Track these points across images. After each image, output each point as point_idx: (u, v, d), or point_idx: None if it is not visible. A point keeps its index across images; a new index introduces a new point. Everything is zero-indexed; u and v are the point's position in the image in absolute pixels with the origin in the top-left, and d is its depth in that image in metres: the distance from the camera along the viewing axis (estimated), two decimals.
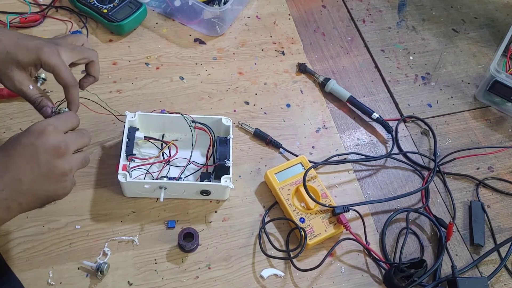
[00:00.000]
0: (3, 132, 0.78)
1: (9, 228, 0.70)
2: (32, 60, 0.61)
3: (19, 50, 0.60)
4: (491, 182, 0.87)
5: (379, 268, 0.75)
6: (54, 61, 0.61)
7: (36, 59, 0.61)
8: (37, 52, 0.60)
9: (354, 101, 0.91)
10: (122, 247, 0.71)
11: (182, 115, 0.76)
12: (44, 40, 0.63)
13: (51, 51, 0.61)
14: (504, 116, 0.96)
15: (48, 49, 0.61)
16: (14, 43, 0.60)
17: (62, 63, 0.62)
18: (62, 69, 0.61)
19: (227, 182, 0.72)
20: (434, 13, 1.11)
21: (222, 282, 0.70)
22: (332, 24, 1.04)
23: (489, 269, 0.77)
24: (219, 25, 0.95)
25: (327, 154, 0.85)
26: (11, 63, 0.60)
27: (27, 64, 0.61)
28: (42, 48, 0.61)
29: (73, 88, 0.63)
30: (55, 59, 0.61)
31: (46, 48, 0.61)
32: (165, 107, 0.85)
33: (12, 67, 0.60)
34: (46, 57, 0.60)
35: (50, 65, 0.61)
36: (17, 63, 0.60)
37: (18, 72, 0.61)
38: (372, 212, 0.80)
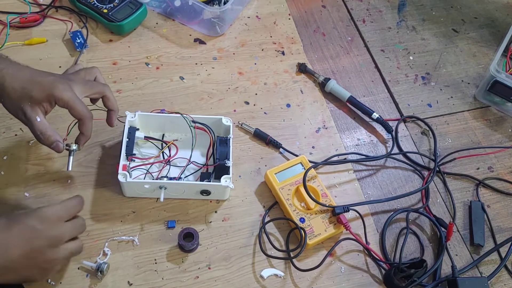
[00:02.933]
0: (3, 132, 0.78)
1: None
2: (46, 96, 0.63)
3: (34, 87, 0.63)
4: (491, 182, 0.87)
5: (379, 268, 0.75)
6: (68, 96, 0.64)
7: (50, 96, 0.63)
8: (51, 89, 0.63)
9: (354, 101, 0.91)
10: (122, 247, 0.71)
11: (181, 115, 0.76)
12: (57, 76, 0.66)
13: (64, 87, 0.64)
14: (504, 116, 0.96)
15: (61, 86, 0.64)
16: (30, 79, 0.63)
17: (75, 97, 0.64)
18: (76, 103, 0.64)
19: (227, 182, 0.72)
20: (434, 13, 1.11)
21: (222, 282, 0.70)
22: (332, 24, 1.04)
23: (489, 269, 0.77)
24: (219, 25, 0.95)
25: (327, 154, 0.85)
26: (26, 99, 0.63)
27: (41, 101, 0.63)
28: (56, 85, 0.63)
29: (88, 120, 0.66)
30: (68, 94, 0.64)
31: (59, 85, 0.64)
32: (165, 107, 0.85)
33: (25, 103, 0.63)
34: (59, 93, 0.63)
35: (64, 100, 0.64)
36: (31, 98, 0.63)
37: (30, 107, 0.63)
38: (372, 212, 0.80)
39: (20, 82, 0.63)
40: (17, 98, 0.63)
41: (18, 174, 0.75)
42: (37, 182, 0.74)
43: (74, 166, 0.76)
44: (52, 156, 0.77)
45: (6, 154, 0.76)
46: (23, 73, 0.64)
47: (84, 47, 0.89)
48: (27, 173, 0.75)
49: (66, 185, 0.75)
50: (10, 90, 0.62)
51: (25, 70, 0.65)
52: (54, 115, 0.80)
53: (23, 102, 0.63)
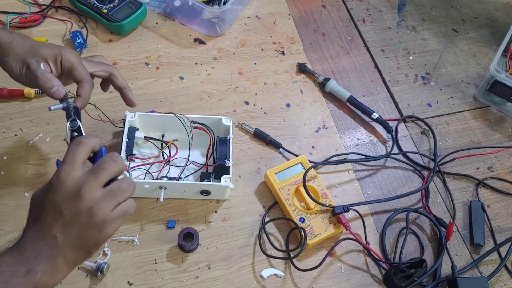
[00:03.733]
0: (3, 132, 0.78)
1: (9, 228, 0.70)
2: (53, 53, 0.64)
3: (42, 45, 0.65)
4: (491, 182, 0.87)
5: (379, 268, 0.75)
6: (74, 57, 0.65)
7: (57, 53, 0.64)
8: (59, 48, 0.65)
9: (354, 101, 0.91)
10: (122, 247, 0.71)
11: (175, 115, 0.76)
12: None
13: (71, 51, 0.66)
14: (504, 116, 0.96)
15: (69, 50, 0.66)
16: (38, 42, 0.65)
17: (80, 60, 0.66)
18: (80, 65, 0.65)
19: (227, 182, 0.72)
20: (434, 13, 1.11)
21: (222, 282, 0.70)
22: (332, 24, 1.04)
23: (489, 269, 0.77)
24: (219, 25, 0.95)
25: (327, 154, 0.85)
26: (33, 53, 0.64)
27: (48, 56, 0.64)
28: (64, 47, 0.66)
29: (88, 84, 0.66)
30: (74, 56, 0.65)
31: (67, 49, 0.66)
32: (165, 107, 0.85)
33: (32, 56, 0.63)
34: (66, 53, 0.65)
35: (69, 60, 0.65)
36: (38, 53, 0.64)
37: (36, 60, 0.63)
38: (372, 212, 0.80)
39: (29, 42, 0.65)
40: (24, 53, 0.63)
41: (18, 174, 0.75)
42: (37, 182, 0.74)
43: None
44: (52, 156, 0.77)
45: (6, 154, 0.76)
46: (31, 40, 0.66)
47: (84, 47, 0.89)
48: (27, 173, 0.75)
49: None
50: (17, 46, 0.64)
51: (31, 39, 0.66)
52: (54, 114, 0.81)
53: (29, 55, 0.63)
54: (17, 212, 0.71)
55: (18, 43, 0.64)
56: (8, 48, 0.64)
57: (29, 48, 0.64)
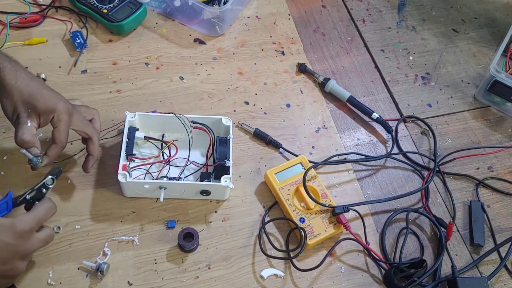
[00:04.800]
0: (3, 132, 0.78)
1: None
2: (48, 109, 0.65)
3: (41, 97, 0.65)
4: (491, 182, 0.87)
5: (379, 268, 0.75)
6: (64, 119, 0.67)
7: (51, 110, 0.66)
8: (55, 104, 0.66)
9: (354, 101, 0.91)
10: (122, 247, 0.71)
11: (175, 115, 0.76)
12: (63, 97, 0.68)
13: (66, 110, 0.67)
14: (504, 116, 0.96)
15: (64, 107, 0.67)
16: (39, 89, 0.66)
17: (67, 123, 0.67)
18: (64, 130, 0.67)
19: (227, 182, 0.72)
20: (434, 13, 1.11)
21: (222, 282, 0.70)
22: (332, 24, 1.04)
23: (489, 269, 0.77)
24: (219, 25, 0.95)
25: (327, 154, 0.85)
26: (28, 105, 0.65)
27: (41, 112, 0.65)
28: (61, 104, 0.66)
29: (59, 148, 0.68)
30: (65, 118, 0.67)
31: (64, 105, 0.67)
32: (165, 107, 0.85)
33: (25, 108, 0.65)
34: (60, 112, 0.66)
35: (59, 120, 0.66)
36: (33, 107, 0.65)
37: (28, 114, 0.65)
38: (372, 212, 0.80)
39: (30, 88, 0.65)
40: (21, 101, 0.64)
41: (18, 174, 0.75)
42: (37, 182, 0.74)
43: (74, 166, 0.77)
44: None
45: (6, 154, 0.76)
46: (35, 82, 0.66)
47: (84, 47, 0.89)
48: (27, 173, 0.75)
49: (66, 185, 0.75)
50: (17, 92, 0.64)
51: (37, 80, 0.67)
52: None
53: (24, 107, 0.64)
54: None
55: (18, 89, 0.64)
56: (9, 90, 0.64)
57: (28, 97, 0.64)
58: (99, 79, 0.87)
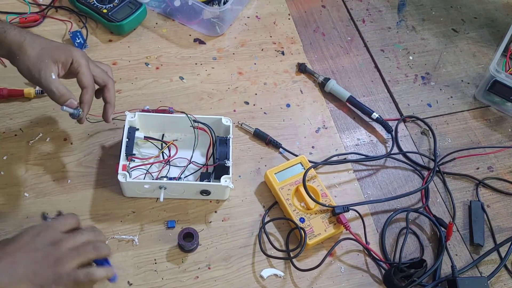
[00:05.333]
0: (3, 132, 0.78)
1: (9, 228, 0.70)
2: (64, 56, 0.65)
3: (54, 47, 0.66)
4: (491, 182, 0.87)
5: (379, 268, 0.75)
6: (84, 61, 0.67)
7: (68, 56, 0.66)
8: (71, 50, 0.66)
9: (354, 101, 0.91)
10: (122, 247, 0.71)
11: (187, 115, 0.76)
12: None
13: (82, 54, 0.67)
14: (504, 116, 0.96)
15: (80, 52, 0.67)
16: (49, 42, 0.66)
17: (88, 64, 0.68)
18: (87, 70, 0.67)
19: (227, 182, 0.72)
20: (434, 13, 1.11)
21: (222, 282, 0.70)
22: (332, 24, 1.04)
23: (489, 269, 0.77)
24: (219, 25, 0.95)
25: (327, 154, 0.85)
26: (44, 56, 0.64)
27: (59, 59, 0.65)
28: (75, 49, 0.67)
29: (91, 90, 0.68)
30: (84, 60, 0.67)
31: (78, 51, 0.67)
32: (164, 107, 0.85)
33: (43, 60, 0.64)
34: (77, 55, 0.66)
35: (79, 63, 0.66)
36: (49, 56, 0.65)
37: (47, 64, 0.64)
38: (372, 212, 0.80)
39: (40, 42, 0.65)
40: (35, 55, 0.64)
41: (18, 174, 0.75)
42: (37, 182, 0.74)
43: (74, 166, 0.77)
44: (52, 157, 0.77)
45: (6, 154, 0.76)
46: (42, 38, 0.66)
47: (84, 47, 0.89)
48: (27, 173, 0.75)
49: (66, 185, 0.75)
50: (29, 48, 0.64)
51: (43, 37, 0.67)
52: (54, 115, 0.81)
53: (40, 58, 0.64)
54: (17, 212, 0.71)
55: (29, 44, 0.64)
56: (19, 49, 0.64)
57: (40, 50, 0.64)
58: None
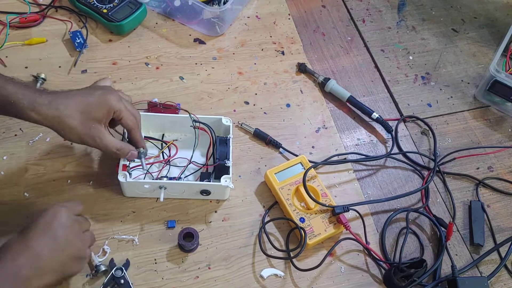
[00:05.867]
0: (3, 132, 0.78)
1: (9, 228, 0.69)
2: (106, 111, 0.65)
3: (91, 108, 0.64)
4: (491, 182, 0.87)
5: (379, 268, 0.75)
6: (122, 106, 0.66)
7: (109, 109, 0.65)
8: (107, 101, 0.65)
9: (354, 101, 0.91)
10: (122, 247, 0.71)
11: (189, 114, 0.76)
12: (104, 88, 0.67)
13: (117, 98, 0.66)
14: (504, 116, 0.96)
15: (113, 97, 0.66)
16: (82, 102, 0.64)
17: (125, 107, 0.67)
18: (127, 113, 0.67)
19: (227, 182, 0.72)
20: (434, 13, 1.11)
21: (222, 282, 0.70)
22: (332, 24, 1.04)
23: (489, 268, 0.77)
24: (219, 25, 0.95)
25: (327, 154, 0.85)
26: (89, 121, 0.64)
27: (102, 118, 0.65)
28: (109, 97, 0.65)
29: (137, 127, 0.70)
30: (121, 104, 0.66)
31: (112, 96, 0.66)
32: None
33: (90, 126, 0.64)
34: (115, 104, 0.65)
35: (120, 110, 0.66)
36: (93, 119, 0.64)
37: (96, 129, 0.64)
38: (372, 212, 0.80)
39: (75, 107, 0.63)
40: (79, 125, 0.63)
41: (18, 174, 0.75)
42: (37, 182, 0.74)
43: (74, 166, 0.77)
44: (52, 157, 0.77)
45: (6, 154, 0.76)
46: (73, 99, 0.64)
47: (84, 47, 0.89)
48: (27, 173, 0.75)
49: (66, 185, 0.75)
50: (68, 120, 0.62)
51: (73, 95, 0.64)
52: None
53: (87, 126, 0.63)
54: (17, 212, 0.71)
55: (67, 116, 0.62)
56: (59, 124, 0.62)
57: (81, 117, 0.63)
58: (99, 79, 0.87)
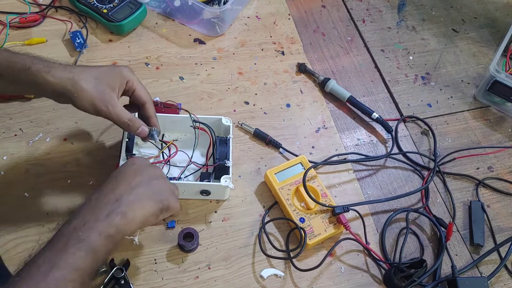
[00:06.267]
0: (3, 132, 0.78)
1: (9, 228, 0.70)
2: (120, 80, 0.66)
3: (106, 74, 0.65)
4: (491, 182, 0.87)
5: (379, 268, 0.75)
6: (135, 77, 0.67)
7: (123, 78, 0.66)
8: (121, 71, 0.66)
9: (354, 101, 0.91)
10: (122, 247, 0.71)
11: (190, 114, 0.76)
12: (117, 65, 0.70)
13: (130, 69, 0.67)
14: (504, 116, 0.96)
15: (127, 68, 0.67)
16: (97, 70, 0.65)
17: (139, 80, 0.68)
18: (140, 85, 0.68)
19: (227, 182, 0.72)
20: (434, 13, 1.11)
21: (222, 282, 0.70)
22: (332, 24, 1.04)
23: (489, 269, 0.77)
24: (219, 25, 0.95)
25: (327, 154, 0.85)
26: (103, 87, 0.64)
27: (116, 85, 0.65)
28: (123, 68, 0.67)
29: (151, 102, 0.70)
30: (135, 76, 0.67)
31: (126, 68, 0.67)
32: None
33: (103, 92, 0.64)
34: (130, 74, 0.67)
35: (133, 81, 0.67)
36: (107, 86, 0.64)
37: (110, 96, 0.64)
38: (372, 212, 0.80)
39: (91, 73, 0.64)
40: (93, 88, 0.63)
41: (18, 174, 0.75)
42: (37, 182, 0.74)
43: (74, 166, 0.77)
44: (52, 157, 0.77)
45: (6, 154, 0.76)
46: (89, 69, 0.65)
47: (84, 47, 0.89)
48: (27, 173, 0.75)
49: (66, 185, 0.75)
50: (83, 82, 0.62)
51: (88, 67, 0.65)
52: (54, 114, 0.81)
53: (100, 90, 0.63)
54: (17, 212, 0.71)
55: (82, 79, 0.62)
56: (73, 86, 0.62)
57: (95, 81, 0.63)
58: None
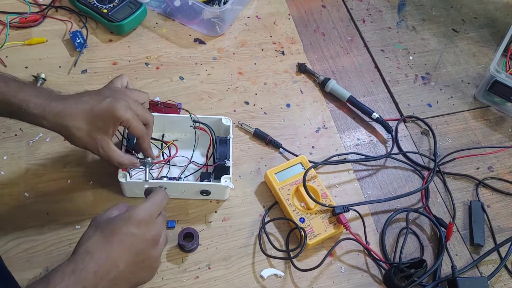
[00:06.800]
0: (3, 132, 0.78)
1: (9, 228, 0.70)
2: (112, 122, 0.64)
3: (97, 118, 0.63)
4: (491, 182, 0.87)
5: (379, 268, 0.75)
6: (129, 115, 0.65)
7: (115, 120, 0.64)
8: (114, 111, 0.63)
9: (354, 101, 0.91)
10: None
11: (190, 114, 0.76)
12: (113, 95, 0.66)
13: (123, 106, 0.64)
14: (504, 116, 0.96)
15: (120, 106, 0.64)
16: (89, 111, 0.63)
17: (134, 115, 0.66)
18: (135, 122, 0.66)
19: (227, 182, 0.72)
20: (434, 13, 1.11)
21: (222, 282, 0.70)
22: (332, 24, 1.04)
23: (489, 269, 0.77)
24: (219, 25, 0.95)
25: (327, 154, 0.85)
26: (95, 132, 0.64)
27: (108, 128, 0.64)
28: (116, 106, 0.64)
29: (146, 136, 0.69)
30: (129, 113, 0.65)
31: (118, 105, 0.64)
32: None
33: (95, 136, 0.64)
34: (122, 114, 0.64)
35: (127, 120, 0.65)
36: (99, 130, 0.64)
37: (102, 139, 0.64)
38: (372, 212, 0.80)
39: (82, 118, 0.63)
40: (86, 134, 0.63)
41: (18, 174, 0.75)
42: (37, 182, 0.74)
43: (74, 166, 0.77)
44: (52, 157, 0.77)
45: (6, 154, 0.76)
46: (81, 107, 0.63)
47: (84, 47, 0.89)
48: (27, 173, 0.75)
49: (66, 185, 0.75)
50: (75, 130, 0.63)
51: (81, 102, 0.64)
52: None
53: (92, 136, 0.64)
54: (17, 212, 0.71)
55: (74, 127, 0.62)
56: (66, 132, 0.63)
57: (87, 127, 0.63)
58: (99, 79, 0.87)
